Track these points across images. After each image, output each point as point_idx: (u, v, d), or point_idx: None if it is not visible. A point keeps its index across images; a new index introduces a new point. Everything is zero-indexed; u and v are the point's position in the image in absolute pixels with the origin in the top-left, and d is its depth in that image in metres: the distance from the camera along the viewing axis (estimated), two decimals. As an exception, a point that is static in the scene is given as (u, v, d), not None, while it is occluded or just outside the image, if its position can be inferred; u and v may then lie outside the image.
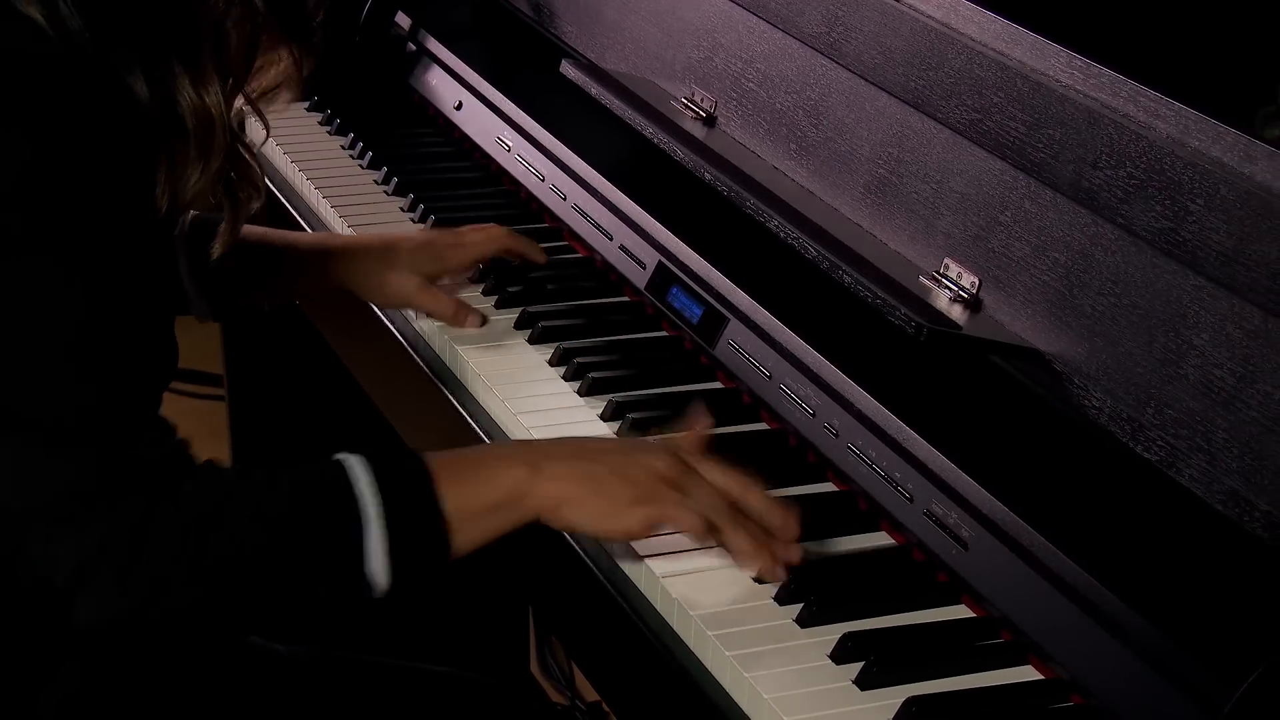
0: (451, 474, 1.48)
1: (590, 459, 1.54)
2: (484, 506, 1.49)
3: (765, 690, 1.42)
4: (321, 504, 1.43)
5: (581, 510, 1.51)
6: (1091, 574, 1.41)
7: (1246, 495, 1.45)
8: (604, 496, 1.52)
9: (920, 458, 1.59)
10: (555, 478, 1.51)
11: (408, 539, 1.44)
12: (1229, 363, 1.48)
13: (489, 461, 1.52)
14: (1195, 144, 1.53)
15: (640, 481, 1.52)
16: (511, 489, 1.50)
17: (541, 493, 1.50)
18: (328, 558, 1.43)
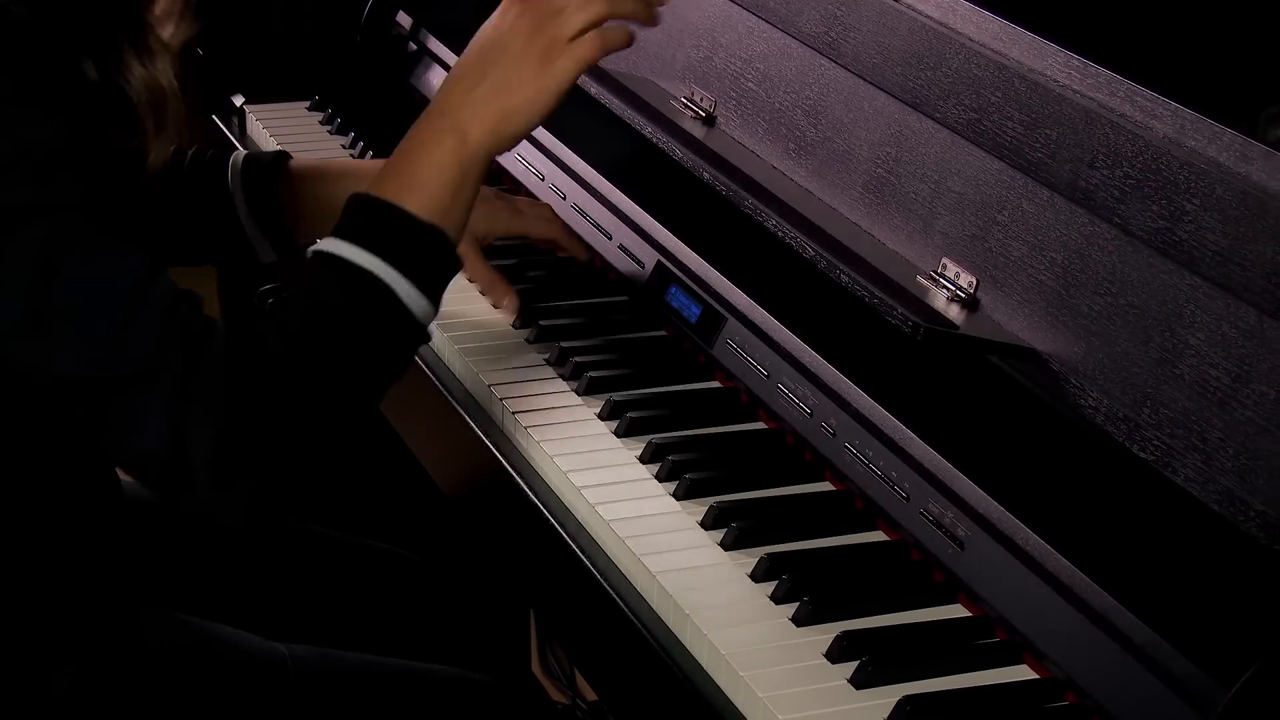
0: (409, 186, 1.54)
1: (487, 71, 1.58)
2: (450, 188, 1.55)
3: (760, 688, 1.42)
4: (350, 295, 1.50)
5: (514, 120, 1.58)
6: (1087, 573, 1.41)
7: (1242, 495, 1.45)
8: (520, 90, 1.58)
9: (917, 457, 1.59)
10: (477, 118, 1.57)
11: (422, 269, 1.52)
12: (1224, 362, 1.48)
13: (423, 153, 1.57)
14: (1192, 144, 1.53)
15: (529, 50, 1.59)
16: (454, 159, 1.56)
17: (477, 140, 1.57)
18: (383, 328, 1.51)
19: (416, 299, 1.52)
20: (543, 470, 1.74)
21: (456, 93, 1.59)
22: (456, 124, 1.57)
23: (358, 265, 1.51)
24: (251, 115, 2.51)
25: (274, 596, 1.97)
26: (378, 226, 1.53)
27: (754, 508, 1.64)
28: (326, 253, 1.53)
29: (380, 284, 1.50)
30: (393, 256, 1.51)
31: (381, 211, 1.54)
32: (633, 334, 1.96)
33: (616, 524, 1.62)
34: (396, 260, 1.51)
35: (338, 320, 1.50)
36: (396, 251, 1.51)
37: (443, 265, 1.55)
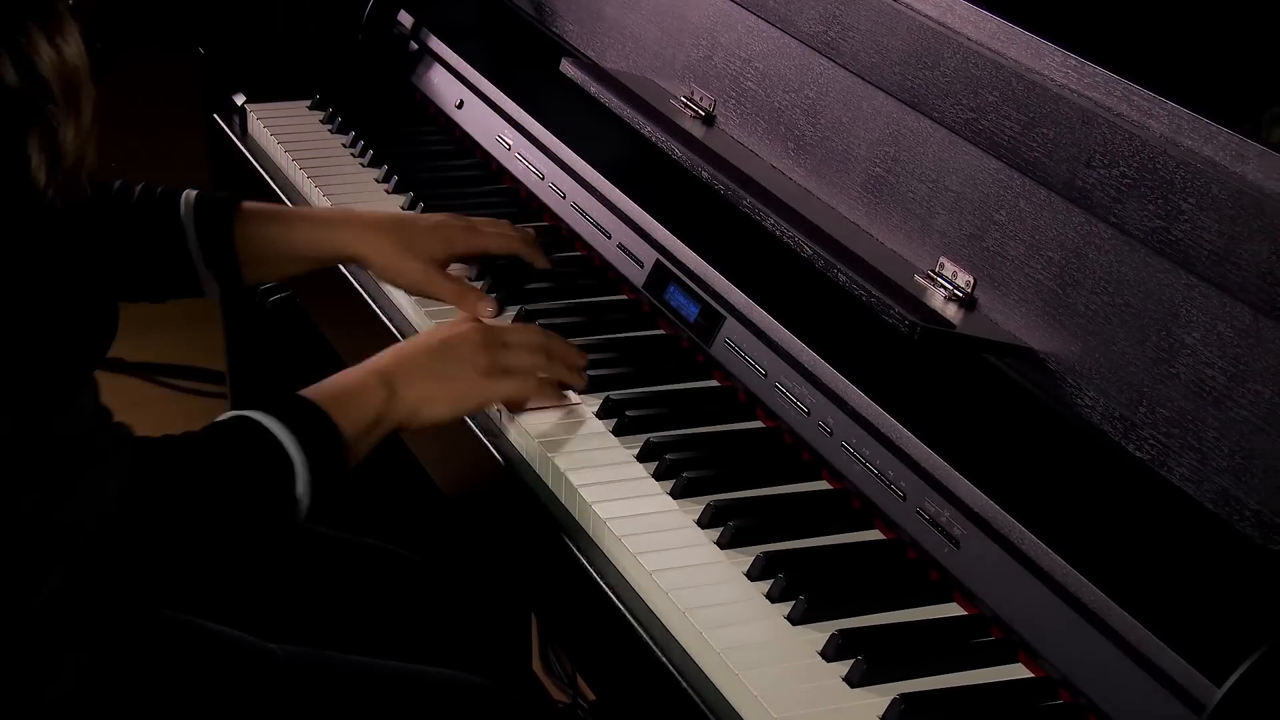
0: (337, 408, 1.66)
1: (434, 360, 1.74)
2: (364, 428, 1.68)
3: (754, 686, 1.42)
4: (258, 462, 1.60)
5: (435, 406, 1.73)
6: (1081, 572, 1.41)
7: (1236, 494, 1.45)
8: (452, 384, 1.74)
9: (913, 456, 1.60)
10: (406, 387, 1.71)
11: (323, 469, 1.63)
12: (1220, 361, 1.48)
13: (358, 390, 1.70)
14: (1188, 143, 1.53)
15: (473, 360, 1.75)
16: (379, 407, 1.69)
17: (400, 404, 1.71)
18: (268, 495, 1.61)
19: (304, 492, 1.61)
20: (539, 468, 1.74)
21: (405, 362, 1.74)
22: (392, 384, 1.71)
23: (277, 440, 1.60)
24: (252, 114, 2.51)
25: (269, 595, 1.96)
26: (307, 423, 1.63)
27: (751, 506, 1.65)
28: (250, 419, 1.61)
29: (288, 464, 1.60)
30: (307, 446, 1.61)
31: (314, 415, 1.65)
32: (631, 333, 1.96)
33: (613, 522, 1.62)
34: (309, 450, 1.61)
35: (239, 477, 1.59)
36: (312, 443, 1.62)
37: (337, 476, 1.65)
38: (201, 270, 1.99)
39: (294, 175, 2.37)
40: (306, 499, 1.61)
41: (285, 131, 2.46)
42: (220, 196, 2.01)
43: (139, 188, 2.00)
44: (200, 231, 1.98)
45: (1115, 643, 1.37)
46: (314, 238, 2.02)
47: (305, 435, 1.61)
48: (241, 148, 2.49)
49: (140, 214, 1.98)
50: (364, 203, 2.26)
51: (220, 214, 1.99)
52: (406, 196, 2.27)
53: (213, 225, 1.98)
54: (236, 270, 2.00)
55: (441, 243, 2.03)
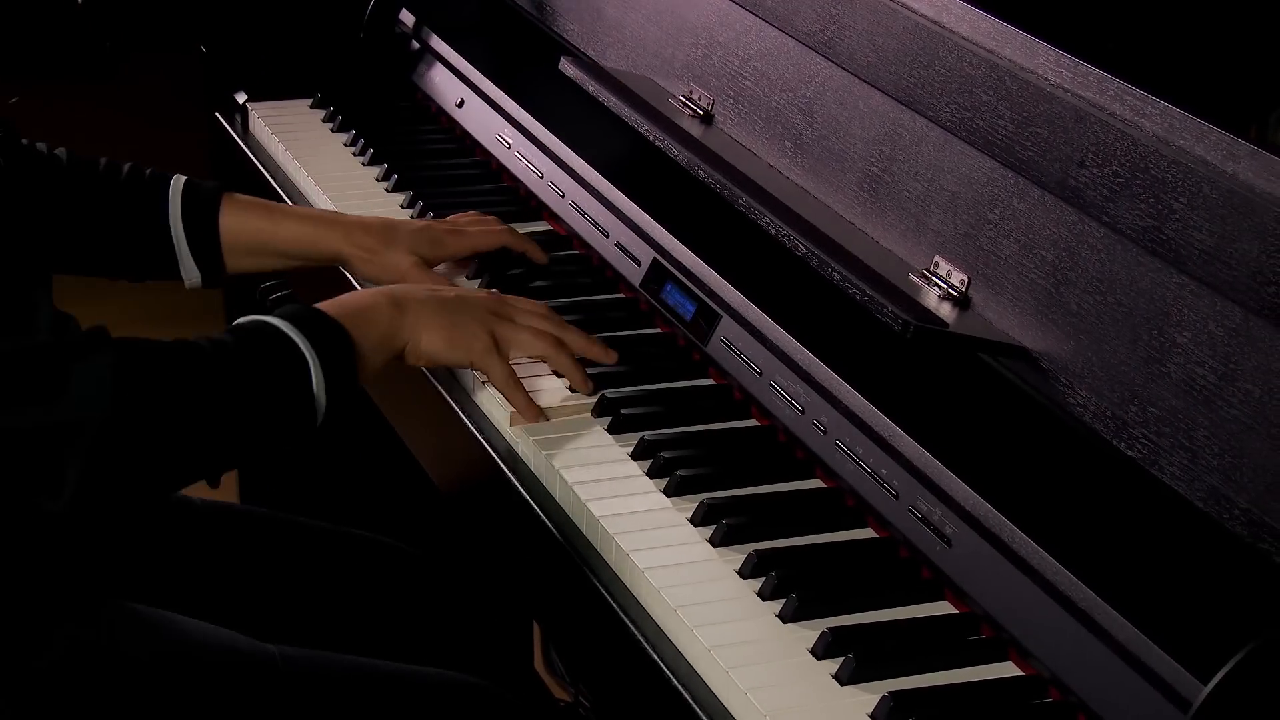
0: (349, 321, 1.70)
1: (444, 304, 1.79)
2: (375, 342, 1.73)
3: (744, 683, 1.42)
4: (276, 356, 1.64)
5: (435, 339, 1.77)
6: (1071, 570, 1.42)
7: (1226, 493, 1.45)
8: (455, 329, 1.78)
9: (906, 455, 1.60)
10: (415, 313, 1.76)
11: (337, 372, 1.67)
12: (1211, 361, 1.48)
13: (370, 307, 1.75)
14: (1180, 143, 1.53)
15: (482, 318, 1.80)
16: (388, 323, 1.75)
17: (407, 325, 1.76)
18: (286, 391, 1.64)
19: (321, 394, 1.64)
20: (534, 464, 1.75)
21: (416, 294, 1.80)
22: (402, 308, 1.77)
23: (290, 338, 1.64)
24: (254, 112, 2.52)
25: (266, 594, 1.97)
26: (320, 327, 1.67)
27: (744, 504, 1.65)
28: (264, 321, 1.66)
29: (302, 361, 1.64)
30: (321, 351, 1.65)
31: (324, 319, 1.69)
32: (628, 331, 1.96)
33: (606, 520, 1.63)
34: (323, 355, 1.65)
35: (248, 371, 1.61)
36: (325, 349, 1.66)
37: (350, 382, 1.69)
38: (183, 255, 2.01)
39: (294, 173, 2.37)
40: (323, 402, 1.65)
41: (286, 130, 2.46)
42: (208, 184, 2.03)
43: (127, 167, 2.02)
44: (186, 216, 2.00)
45: (1104, 641, 1.37)
46: (299, 235, 2.03)
47: (319, 340, 1.65)
48: (243, 146, 2.50)
49: (126, 193, 2.00)
50: (363, 200, 2.27)
51: (207, 201, 2.01)
52: (406, 195, 2.28)
53: (198, 211, 2.00)
54: (219, 259, 2.02)
55: (428, 243, 2.05)
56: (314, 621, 1.96)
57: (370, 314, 1.74)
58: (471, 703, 1.83)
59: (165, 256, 2.02)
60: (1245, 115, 1.87)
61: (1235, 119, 1.54)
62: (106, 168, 2.01)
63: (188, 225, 2.00)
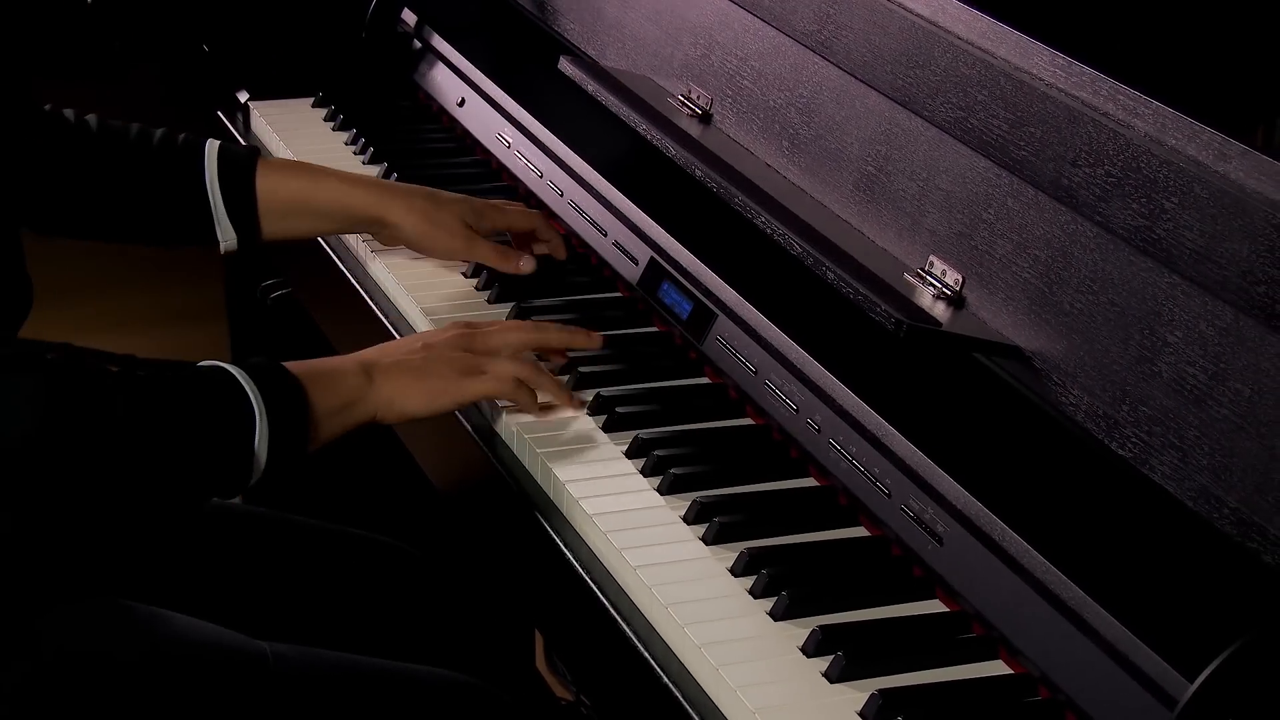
0: (311, 381, 1.67)
1: (414, 357, 1.75)
2: (335, 408, 1.68)
3: (734, 680, 1.43)
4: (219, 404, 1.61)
5: (410, 400, 1.73)
6: (1061, 569, 1.42)
7: (1216, 492, 1.45)
8: (429, 380, 1.74)
9: (899, 453, 1.60)
10: (385, 379, 1.72)
11: (284, 432, 1.63)
12: (1201, 360, 1.48)
13: (336, 372, 1.71)
14: (1172, 142, 1.54)
15: (453, 360, 1.76)
16: (353, 391, 1.70)
17: (376, 394, 1.71)
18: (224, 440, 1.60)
19: (262, 449, 1.61)
20: (528, 463, 1.75)
21: (386, 356, 1.75)
22: (370, 374, 1.72)
23: (244, 389, 1.61)
24: (255, 111, 2.53)
25: (265, 592, 1.97)
26: (277, 383, 1.64)
27: (737, 503, 1.65)
28: (221, 367, 1.63)
29: (249, 413, 1.60)
30: (271, 405, 1.62)
31: (283, 375, 1.66)
32: (625, 330, 1.97)
33: (598, 517, 1.63)
34: (272, 410, 1.62)
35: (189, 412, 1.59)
36: (276, 404, 1.62)
37: (298, 443, 1.65)
38: (220, 218, 2.00)
39: (295, 172, 2.37)
40: (264, 459, 1.61)
41: (287, 129, 2.47)
42: (243, 149, 2.02)
43: (159, 133, 2.01)
44: (223, 178, 1.99)
45: (1093, 639, 1.38)
46: (340, 195, 2.02)
47: (272, 393, 1.62)
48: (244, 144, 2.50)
49: (160, 157, 2.00)
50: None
51: (243, 163, 2.00)
52: (405, 194, 2.28)
53: (235, 173, 1.99)
54: (256, 221, 2.01)
55: (472, 212, 2.04)
56: (313, 620, 1.97)
57: (335, 379, 1.71)
58: (463, 701, 1.84)
59: (201, 220, 2.01)
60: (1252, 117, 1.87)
61: (1242, 121, 1.54)
62: (139, 133, 2.00)
63: (224, 187, 1.99)
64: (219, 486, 1.63)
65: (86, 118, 2.00)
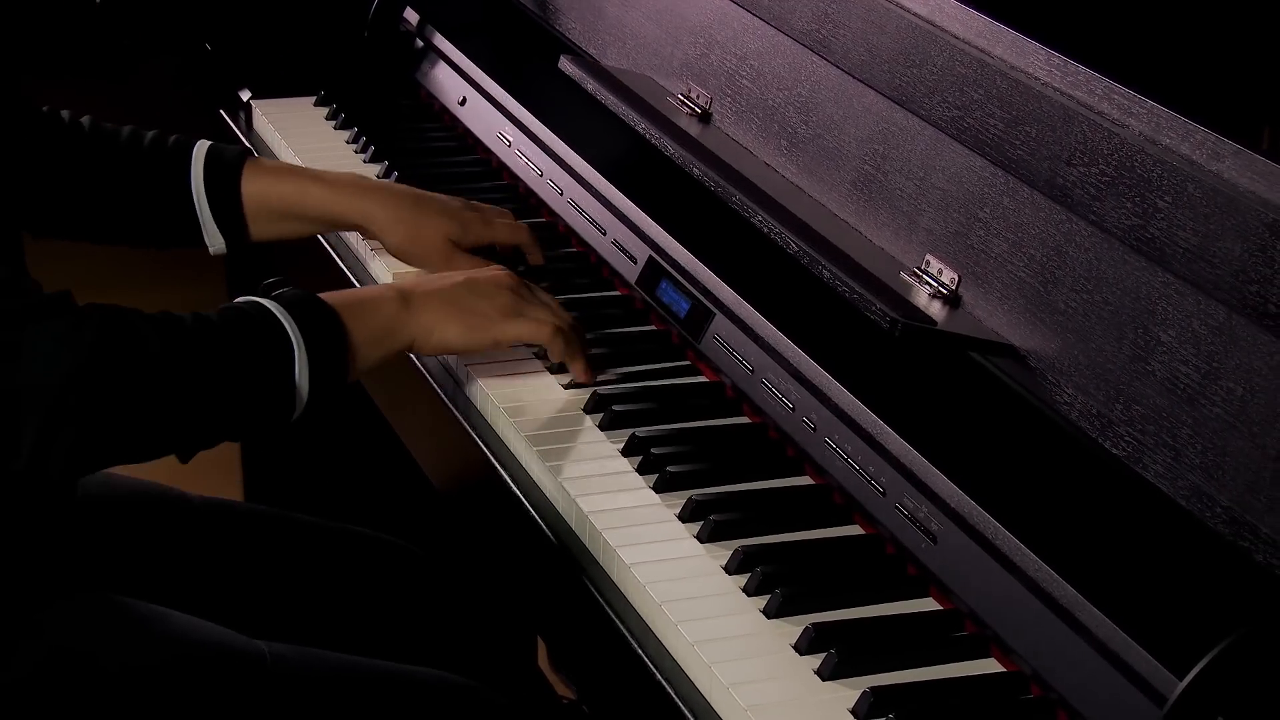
0: (348, 310, 1.68)
1: (455, 291, 1.77)
2: (372, 336, 1.70)
3: (726, 677, 1.43)
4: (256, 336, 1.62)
5: (448, 329, 1.75)
6: (1053, 568, 1.42)
7: (1208, 491, 1.45)
8: (469, 315, 1.76)
9: (893, 452, 1.61)
10: (423, 308, 1.74)
11: (323, 362, 1.64)
12: (1194, 359, 1.48)
13: (372, 300, 1.73)
14: (1166, 141, 1.54)
15: (495, 297, 1.78)
16: (391, 319, 1.72)
17: (415, 322, 1.74)
18: (264, 373, 1.62)
19: (303, 380, 1.63)
20: (525, 461, 1.76)
21: (425, 286, 1.77)
22: (409, 303, 1.74)
23: (280, 322, 1.63)
24: (257, 110, 2.53)
25: (266, 591, 1.97)
26: (312, 313, 1.65)
27: (732, 501, 1.66)
28: (256, 301, 1.64)
29: (287, 345, 1.62)
30: (309, 336, 1.64)
31: (318, 305, 1.67)
32: (623, 328, 1.97)
33: (594, 515, 1.64)
34: (310, 341, 1.63)
35: (227, 349, 1.60)
36: (314, 335, 1.64)
37: (338, 373, 1.67)
38: (206, 221, 2.00)
39: (296, 171, 2.38)
40: (305, 391, 1.63)
41: (289, 127, 2.47)
42: (231, 150, 2.02)
43: (150, 135, 2.01)
44: (209, 181, 1.99)
45: (1085, 638, 1.38)
46: (326, 199, 2.02)
47: (309, 324, 1.63)
48: (246, 143, 2.51)
49: (149, 159, 2.00)
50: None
51: (230, 166, 2.00)
52: (406, 192, 2.28)
53: (221, 176, 2.00)
54: (243, 225, 2.01)
55: (458, 226, 2.03)
56: (313, 619, 1.97)
57: (372, 306, 1.72)
58: (459, 703, 1.84)
59: (189, 223, 2.01)
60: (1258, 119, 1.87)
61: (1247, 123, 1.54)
62: (130, 135, 2.00)
63: (210, 190, 1.99)
64: (264, 420, 1.64)
65: (80, 119, 2.00)
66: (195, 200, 1.99)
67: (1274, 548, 1.39)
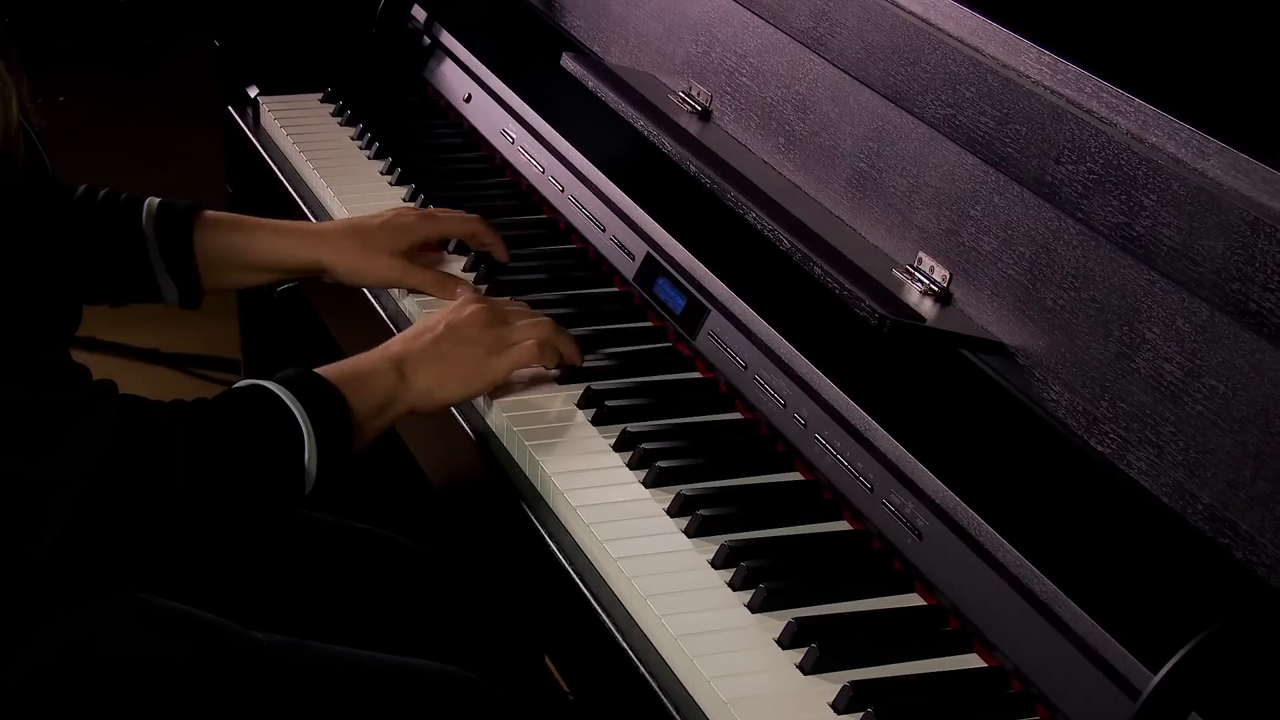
0: (348, 387, 1.71)
1: (441, 345, 1.80)
2: (373, 410, 1.74)
3: (707, 671, 1.44)
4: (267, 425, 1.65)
5: (446, 389, 1.79)
6: (1034, 564, 1.43)
7: (1190, 488, 1.46)
8: (460, 368, 1.79)
9: (881, 448, 1.61)
10: (417, 373, 1.77)
11: (330, 442, 1.68)
12: (1178, 356, 1.49)
13: (370, 373, 1.75)
14: (1152, 139, 1.54)
15: (479, 340, 1.81)
16: (390, 390, 1.75)
17: (412, 389, 1.76)
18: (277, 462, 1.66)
19: (312, 463, 1.66)
20: (517, 455, 1.77)
21: (414, 347, 1.79)
22: (403, 370, 1.77)
23: (289, 408, 1.65)
24: (265, 106, 2.54)
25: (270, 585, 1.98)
26: (318, 396, 1.68)
27: (721, 496, 1.66)
28: (262, 386, 1.67)
29: (296, 431, 1.65)
30: (316, 420, 1.66)
31: (322, 386, 1.70)
32: (620, 324, 1.98)
33: (583, 509, 1.65)
34: (318, 425, 1.66)
35: (241, 440, 1.63)
36: (321, 418, 1.67)
37: (344, 451, 1.70)
38: (162, 276, 2.02)
39: (301, 166, 2.40)
40: (314, 471, 1.66)
41: (295, 123, 2.49)
42: (181, 205, 2.04)
43: (102, 193, 2.02)
44: (161, 239, 2.01)
45: (1064, 633, 1.38)
46: (273, 247, 2.05)
47: (315, 406, 1.66)
48: (253, 140, 2.53)
49: (102, 219, 2.02)
50: (365, 193, 2.29)
51: (181, 222, 2.02)
52: (408, 188, 2.30)
53: (173, 233, 2.01)
54: (196, 277, 2.03)
55: (400, 233, 2.06)
56: (319, 613, 1.98)
57: (371, 379, 1.75)
58: (457, 695, 1.84)
59: (144, 279, 2.03)
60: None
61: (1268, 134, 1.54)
62: (83, 196, 2.02)
63: (163, 246, 2.01)
64: (275, 502, 1.68)
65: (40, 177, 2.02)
66: (150, 256, 2.01)
67: (1252, 544, 1.40)
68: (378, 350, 1.80)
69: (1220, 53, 1.88)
